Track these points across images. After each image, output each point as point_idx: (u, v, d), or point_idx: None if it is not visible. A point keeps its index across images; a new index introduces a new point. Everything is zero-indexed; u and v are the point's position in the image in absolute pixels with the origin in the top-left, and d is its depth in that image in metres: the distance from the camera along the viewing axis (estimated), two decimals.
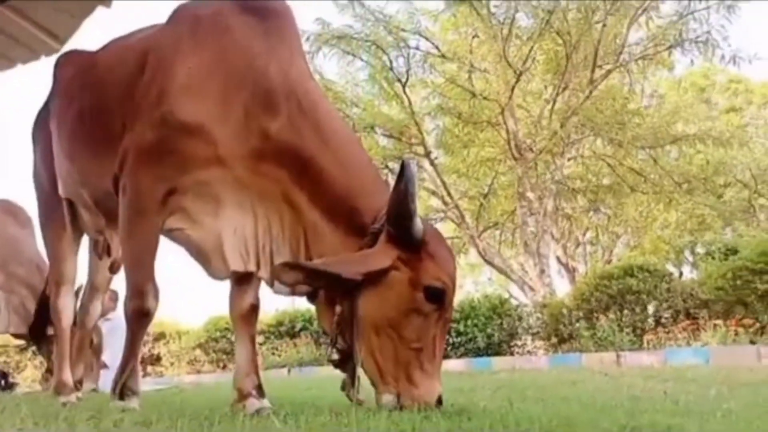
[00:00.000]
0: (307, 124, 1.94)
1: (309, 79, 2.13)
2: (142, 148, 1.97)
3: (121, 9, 4.18)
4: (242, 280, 2.16)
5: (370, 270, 1.79)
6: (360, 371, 1.87)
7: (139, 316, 1.99)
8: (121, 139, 2.09)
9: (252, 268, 2.00)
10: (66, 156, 2.53)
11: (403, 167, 1.75)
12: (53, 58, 4.97)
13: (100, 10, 4.28)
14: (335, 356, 1.95)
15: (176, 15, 2.24)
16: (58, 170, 2.64)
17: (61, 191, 2.66)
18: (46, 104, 2.85)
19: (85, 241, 2.92)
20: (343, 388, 1.95)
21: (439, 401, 1.78)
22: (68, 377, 2.77)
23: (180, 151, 1.93)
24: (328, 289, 1.90)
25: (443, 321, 1.88)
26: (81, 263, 2.92)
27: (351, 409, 1.58)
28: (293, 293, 2.00)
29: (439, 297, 1.83)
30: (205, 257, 2.04)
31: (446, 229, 14.92)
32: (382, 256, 1.82)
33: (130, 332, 2.01)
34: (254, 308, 2.21)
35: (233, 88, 1.97)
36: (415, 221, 1.78)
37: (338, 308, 1.88)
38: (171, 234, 2.05)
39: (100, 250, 2.88)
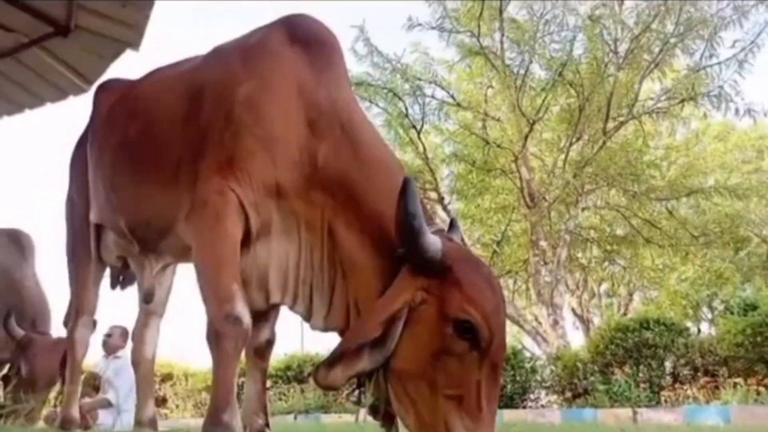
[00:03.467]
0: (350, 150, 1.92)
1: (354, 106, 2.12)
2: (215, 166, 1.94)
3: (149, 53, 4.35)
4: (261, 314, 2.10)
5: (387, 316, 1.61)
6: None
7: (229, 328, 1.74)
8: (172, 169, 2.10)
9: (288, 302, 1.93)
10: (105, 183, 2.51)
11: (404, 184, 1.64)
12: (80, 98, 5.19)
13: (128, 54, 4.46)
14: (365, 401, 1.79)
15: (220, 49, 2.27)
16: (93, 197, 2.61)
17: (93, 217, 2.63)
18: (86, 133, 2.85)
19: None
20: None
21: None
22: (75, 413, 2.71)
23: (248, 169, 1.91)
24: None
25: (489, 365, 1.61)
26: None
27: None
28: (326, 330, 1.91)
29: (470, 331, 1.59)
30: (246, 285, 1.94)
31: None
32: (399, 291, 1.65)
33: (219, 354, 1.75)
34: (269, 344, 2.18)
35: (289, 113, 1.97)
36: (424, 240, 1.62)
37: None
38: None
39: (125, 281, 2.83)
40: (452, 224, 2.05)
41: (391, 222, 1.72)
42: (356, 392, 1.83)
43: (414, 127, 13.18)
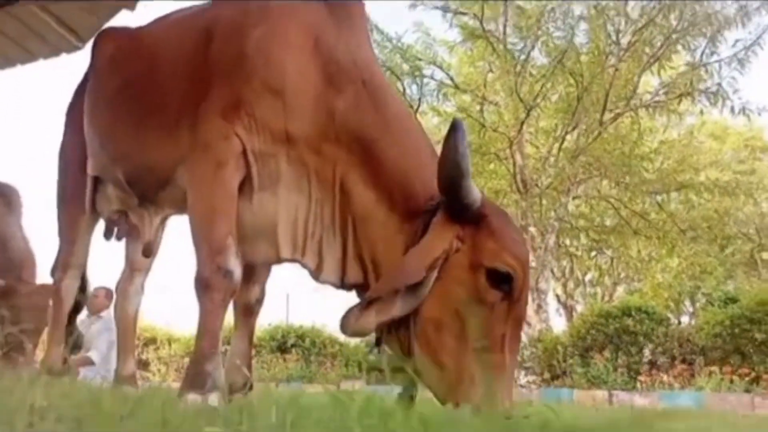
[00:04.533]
0: (371, 107, 1.86)
1: (376, 66, 2.07)
2: (219, 108, 1.86)
3: (144, 12, 4.29)
4: (252, 271, 2.08)
5: (431, 260, 1.58)
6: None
7: (219, 280, 1.69)
8: (174, 112, 2.02)
9: (298, 256, 1.87)
10: (101, 130, 2.42)
11: (454, 123, 1.58)
12: (73, 56, 5.13)
13: (123, 13, 4.41)
14: (378, 352, 1.77)
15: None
16: (89, 147, 2.52)
17: (90, 169, 2.54)
18: (85, 80, 2.74)
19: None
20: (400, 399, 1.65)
21: None
22: (58, 362, 2.69)
23: (255, 114, 1.84)
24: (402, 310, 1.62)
25: (514, 319, 1.62)
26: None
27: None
28: (342, 287, 1.87)
29: (505, 282, 1.58)
30: (253, 238, 1.89)
31: None
32: (440, 237, 1.61)
33: (207, 304, 1.71)
34: (258, 302, 2.16)
35: (303, 62, 1.89)
36: (469, 183, 1.58)
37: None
38: None
39: (120, 233, 2.76)
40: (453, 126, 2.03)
41: (415, 180, 1.69)
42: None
43: (411, 106, 13.13)
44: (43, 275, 4.51)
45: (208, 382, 1.65)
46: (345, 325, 1.61)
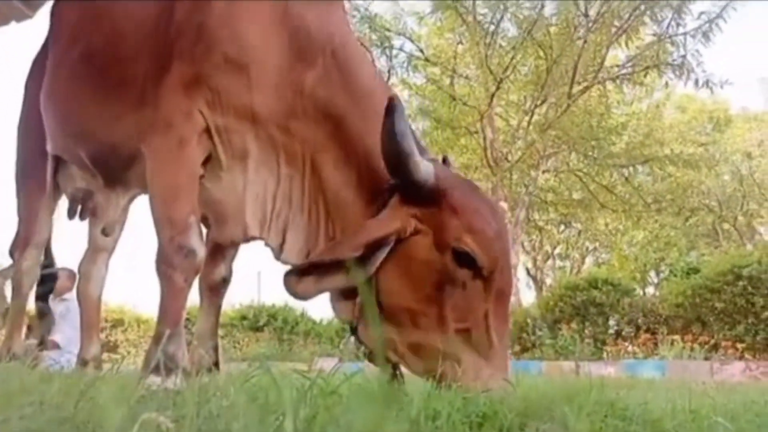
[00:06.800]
0: (340, 80, 1.76)
1: (347, 31, 1.94)
2: (180, 83, 1.75)
3: None
4: (218, 250, 2.03)
5: (371, 239, 1.52)
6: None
7: (181, 260, 1.61)
8: (137, 85, 1.90)
9: (265, 236, 1.80)
10: (61, 105, 2.27)
11: (389, 105, 1.52)
12: (23, 24, 4.85)
13: None
14: (359, 345, 1.73)
15: None
16: (47, 122, 2.36)
17: (50, 147, 2.38)
18: (44, 49, 2.56)
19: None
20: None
21: None
22: (18, 347, 2.59)
23: (219, 90, 1.74)
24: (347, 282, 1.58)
25: (496, 293, 1.55)
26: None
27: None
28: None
29: (469, 260, 1.51)
30: (222, 217, 1.85)
31: None
32: (388, 218, 1.57)
33: (169, 285, 1.65)
34: (225, 282, 2.10)
35: (270, 34, 1.78)
36: (414, 161, 1.52)
37: (359, 299, 1.64)
38: None
39: (79, 213, 2.63)
40: (445, 160, 1.93)
41: (379, 160, 1.61)
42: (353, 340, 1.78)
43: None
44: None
45: (169, 363, 1.59)
46: (286, 285, 1.60)
